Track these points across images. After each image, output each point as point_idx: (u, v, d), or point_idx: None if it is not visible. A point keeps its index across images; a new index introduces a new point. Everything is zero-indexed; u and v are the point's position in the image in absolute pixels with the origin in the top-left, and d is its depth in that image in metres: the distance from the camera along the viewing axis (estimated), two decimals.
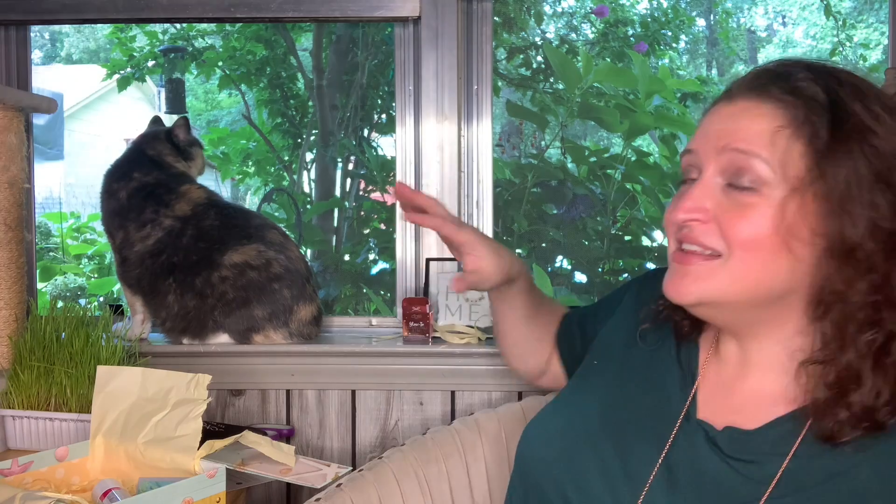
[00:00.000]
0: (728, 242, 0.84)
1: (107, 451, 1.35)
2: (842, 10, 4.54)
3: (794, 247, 0.83)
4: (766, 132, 0.84)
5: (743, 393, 0.92)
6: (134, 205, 1.82)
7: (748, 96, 0.87)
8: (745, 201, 0.84)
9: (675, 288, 0.89)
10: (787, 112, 0.84)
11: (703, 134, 0.90)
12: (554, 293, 2.96)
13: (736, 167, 0.85)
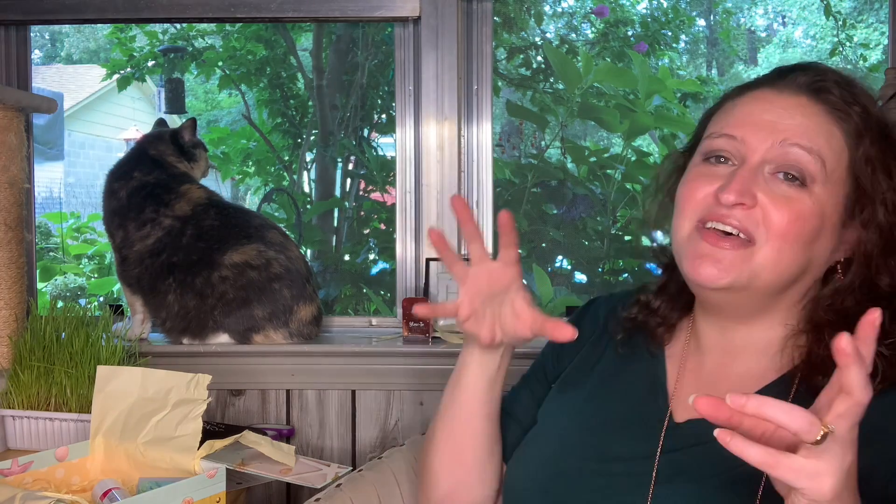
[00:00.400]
0: (769, 231, 0.86)
1: (107, 451, 1.35)
2: (842, 10, 4.54)
3: (823, 241, 0.88)
4: (825, 134, 0.87)
5: (730, 379, 0.94)
6: (134, 204, 1.82)
7: (801, 95, 0.89)
8: (791, 193, 0.86)
9: (707, 271, 0.87)
10: (845, 121, 0.88)
11: (750, 121, 0.89)
12: (554, 293, 2.96)
13: (788, 162, 0.86)
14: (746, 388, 0.91)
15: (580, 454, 0.97)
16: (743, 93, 0.93)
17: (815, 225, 0.86)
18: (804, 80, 0.90)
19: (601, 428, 0.99)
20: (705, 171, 0.91)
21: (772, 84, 0.92)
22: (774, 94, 0.90)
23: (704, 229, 0.88)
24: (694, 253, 0.89)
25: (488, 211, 1.97)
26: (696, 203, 0.90)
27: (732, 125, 0.90)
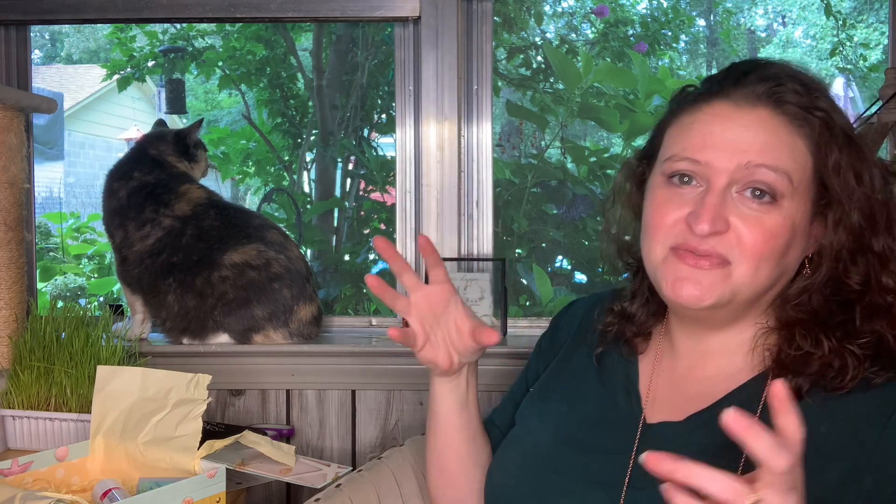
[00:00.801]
0: (743, 252, 0.85)
1: (107, 451, 1.35)
2: (842, 10, 4.54)
3: (794, 252, 0.88)
4: (789, 148, 0.86)
5: (702, 380, 0.94)
6: (134, 204, 1.82)
7: (760, 106, 0.87)
8: (762, 212, 0.85)
9: (688, 292, 0.87)
10: (809, 129, 0.86)
11: (712, 143, 0.87)
12: (554, 293, 2.96)
13: (755, 181, 0.85)
14: (719, 389, 0.91)
15: (554, 457, 0.98)
16: (699, 105, 0.90)
17: (787, 238, 0.86)
18: (762, 90, 0.87)
19: (575, 430, 0.99)
20: (671, 193, 0.89)
21: (727, 96, 0.88)
22: (732, 109, 0.87)
23: (687, 252, 0.87)
24: (673, 276, 0.88)
25: (488, 211, 1.97)
26: (667, 229, 0.88)
27: (694, 148, 0.88)
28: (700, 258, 0.86)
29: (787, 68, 0.90)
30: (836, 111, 0.88)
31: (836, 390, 0.84)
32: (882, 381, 0.84)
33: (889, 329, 0.86)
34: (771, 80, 0.87)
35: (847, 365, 0.85)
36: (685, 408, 0.92)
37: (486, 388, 1.78)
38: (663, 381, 0.97)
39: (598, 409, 1.00)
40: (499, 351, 1.76)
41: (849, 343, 0.85)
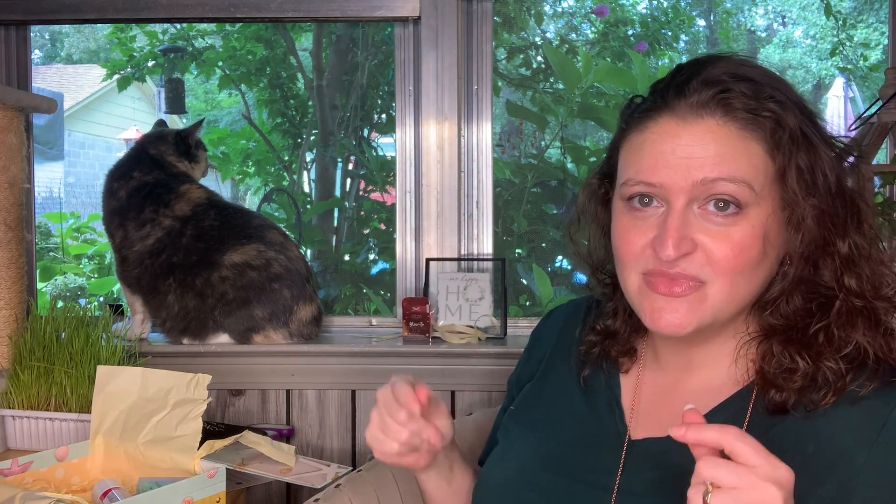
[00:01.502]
0: (714, 269, 0.83)
1: (107, 451, 1.35)
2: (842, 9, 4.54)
3: (770, 258, 0.85)
4: (744, 155, 0.82)
5: (687, 394, 0.92)
6: (133, 204, 1.82)
7: (707, 116, 0.83)
8: (728, 224, 0.82)
9: (669, 322, 0.85)
10: (761, 131, 0.83)
11: (663, 163, 0.83)
12: (554, 293, 2.96)
13: (715, 195, 0.82)
14: (703, 402, 0.89)
15: (538, 478, 0.96)
16: (646, 123, 0.86)
17: (759, 248, 0.83)
18: (706, 97, 0.83)
19: (558, 450, 0.97)
20: (633, 219, 0.86)
21: (672, 111, 0.84)
22: (679, 126, 0.83)
23: (656, 279, 0.85)
24: (651, 307, 0.86)
25: (488, 211, 1.97)
26: (636, 256, 0.86)
27: (647, 171, 0.84)
28: (673, 285, 0.84)
29: (731, 66, 0.85)
30: (790, 107, 0.84)
31: (821, 404, 0.83)
32: (866, 393, 0.82)
33: (865, 335, 0.84)
34: (715, 86, 0.83)
35: (828, 379, 0.83)
36: (671, 423, 0.90)
37: (486, 388, 1.79)
38: (647, 395, 0.96)
39: (581, 426, 0.98)
40: (499, 351, 1.77)
41: (826, 358, 0.83)
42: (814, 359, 0.84)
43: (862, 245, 0.85)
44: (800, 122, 0.84)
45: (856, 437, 0.82)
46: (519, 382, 1.11)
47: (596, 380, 1.00)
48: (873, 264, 0.85)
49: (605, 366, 1.00)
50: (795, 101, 0.85)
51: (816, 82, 8.50)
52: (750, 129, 0.82)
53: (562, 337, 1.08)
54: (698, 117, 0.83)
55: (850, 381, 0.83)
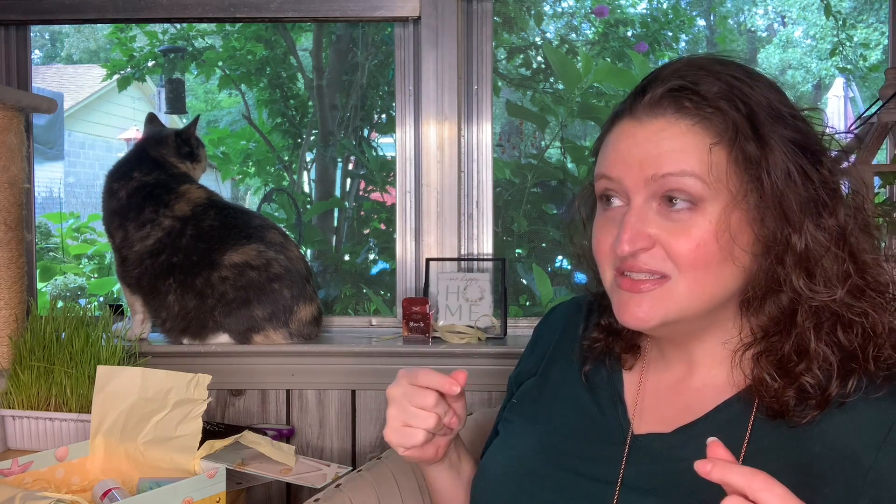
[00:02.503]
0: (676, 263, 0.84)
1: (107, 451, 1.35)
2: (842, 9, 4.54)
3: (738, 254, 0.84)
4: (693, 150, 0.83)
5: (689, 391, 0.93)
6: (133, 204, 1.82)
7: (660, 115, 0.84)
8: (685, 220, 0.83)
9: (633, 315, 0.86)
10: (711, 126, 0.83)
11: (620, 160, 0.86)
12: (554, 293, 2.96)
13: (669, 190, 0.83)
14: (705, 402, 0.90)
15: (539, 470, 0.96)
16: (612, 126, 0.89)
17: (723, 242, 0.83)
18: (659, 96, 0.85)
19: (560, 443, 0.97)
20: (605, 218, 0.89)
21: (631, 113, 0.87)
22: (634, 125, 0.86)
23: (622, 277, 0.87)
24: (618, 302, 0.88)
25: (488, 211, 1.97)
26: (606, 255, 0.89)
27: (608, 165, 0.88)
28: (637, 281, 0.86)
29: (688, 65, 0.86)
30: (745, 103, 0.83)
31: (807, 417, 0.83)
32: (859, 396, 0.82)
33: (845, 334, 0.83)
34: (667, 84, 0.85)
35: (809, 393, 0.83)
36: (673, 419, 0.91)
37: (486, 387, 1.79)
38: (650, 391, 0.96)
39: (583, 420, 0.98)
40: (499, 351, 1.77)
41: (802, 374, 0.83)
42: (790, 377, 0.84)
43: (821, 240, 0.83)
44: (752, 118, 0.83)
45: (863, 439, 0.82)
46: (519, 378, 1.11)
47: (598, 376, 1.00)
48: (832, 261, 0.83)
49: (607, 362, 1.00)
50: (757, 98, 0.84)
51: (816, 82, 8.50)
52: (701, 125, 0.84)
53: (565, 333, 1.08)
54: (652, 117, 0.85)
55: (838, 388, 0.83)
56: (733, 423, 0.87)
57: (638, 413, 0.95)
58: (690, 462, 0.86)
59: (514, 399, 1.09)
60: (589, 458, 0.94)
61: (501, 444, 1.06)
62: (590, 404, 0.99)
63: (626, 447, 0.92)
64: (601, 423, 0.96)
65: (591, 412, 0.98)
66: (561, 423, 1.00)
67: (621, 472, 0.91)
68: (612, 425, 0.95)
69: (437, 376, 0.95)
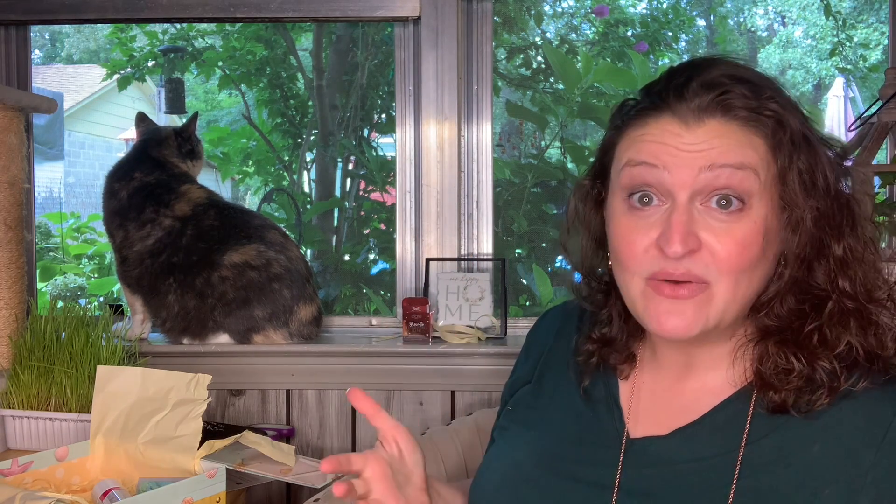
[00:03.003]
0: (719, 267, 0.82)
1: (107, 451, 1.35)
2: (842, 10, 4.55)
3: (769, 258, 0.85)
4: (748, 146, 0.82)
5: (686, 393, 0.92)
6: (134, 204, 1.82)
7: (708, 118, 0.82)
8: (731, 221, 0.82)
9: (675, 326, 0.84)
10: (764, 129, 0.83)
11: (666, 152, 0.83)
12: (554, 293, 2.96)
13: (721, 187, 0.81)
14: (703, 402, 0.89)
15: (535, 477, 0.96)
16: (646, 120, 0.85)
17: (760, 245, 0.83)
18: (707, 101, 0.82)
19: (556, 448, 0.97)
20: (635, 219, 0.85)
21: (673, 112, 0.83)
22: (680, 127, 0.83)
23: (660, 282, 0.84)
24: (656, 310, 0.85)
25: (488, 211, 1.97)
26: (639, 259, 0.84)
27: (652, 153, 0.83)
28: (678, 287, 0.83)
29: (730, 69, 0.85)
30: (790, 110, 0.84)
31: (817, 405, 0.83)
32: (863, 390, 0.82)
33: (857, 335, 0.84)
34: (715, 88, 0.83)
35: (823, 380, 0.83)
36: (669, 422, 0.91)
37: (486, 388, 1.79)
38: (646, 395, 0.95)
39: (579, 425, 0.97)
40: (499, 351, 1.77)
41: (820, 358, 0.83)
42: (808, 359, 0.84)
43: (856, 248, 0.85)
44: (800, 124, 0.84)
45: (862, 438, 0.82)
46: (514, 387, 1.10)
47: (595, 388, 0.99)
48: (866, 267, 0.86)
49: (602, 368, 0.99)
50: (793, 104, 0.86)
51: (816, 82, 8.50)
52: (752, 127, 0.83)
53: (559, 338, 1.08)
54: (699, 121, 0.82)
55: (845, 381, 0.83)
56: (731, 423, 0.87)
57: (634, 416, 0.95)
58: (687, 465, 0.86)
59: (509, 406, 1.08)
60: (585, 463, 0.93)
61: (498, 452, 1.05)
62: (585, 409, 0.98)
63: (623, 451, 0.92)
64: (597, 428, 0.96)
65: (586, 417, 0.98)
66: (557, 428, 0.99)
67: (618, 476, 0.90)
68: (608, 429, 0.95)
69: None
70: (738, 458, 0.85)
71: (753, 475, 0.83)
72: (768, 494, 0.82)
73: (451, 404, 1.81)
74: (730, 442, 0.86)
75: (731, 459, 0.85)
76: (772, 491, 0.82)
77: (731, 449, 0.85)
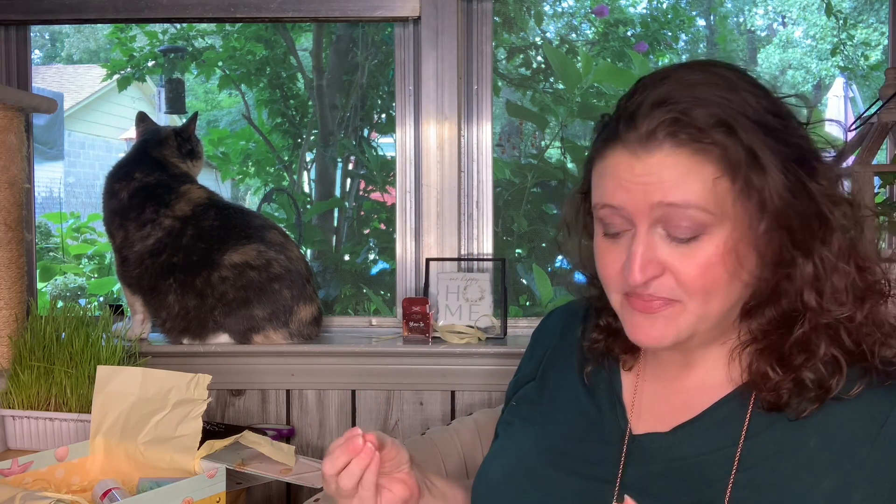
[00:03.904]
0: (685, 289, 0.84)
1: (107, 451, 1.35)
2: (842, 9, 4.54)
3: (744, 275, 0.85)
4: (696, 181, 0.81)
5: (687, 390, 0.93)
6: (135, 204, 1.82)
7: (656, 148, 0.82)
8: (691, 246, 0.83)
9: (647, 335, 0.87)
10: (710, 156, 0.81)
11: (621, 188, 0.84)
12: (554, 293, 2.96)
13: (673, 221, 0.82)
14: (702, 400, 0.91)
15: (538, 472, 0.97)
16: (605, 152, 0.87)
17: (729, 263, 0.83)
18: (654, 128, 0.82)
19: (560, 444, 0.98)
20: (608, 243, 0.88)
21: (623, 143, 0.84)
22: (633, 157, 0.83)
23: (633, 297, 0.87)
24: (630, 322, 0.88)
25: (488, 211, 1.97)
26: (615, 279, 0.88)
27: (608, 194, 0.86)
28: (649, 302, 0.85)
29: (676, 89, 0.83)
30: (740, 126, 0.81)
31: (806, 411, 0.84)
32: (858, 393, 0.83)
33: (834, 349, 0.84)
34: (661, 115, 0.82)
35: (809, 387, 0.84)
36: (671, 418, 0.92)
37: (486, 388, 1.79)
38: (648, 392, 0.97)
39: (582, 421, 0.98)
40: (499, 351, 1.77)
41: (803, 368, 0.84)
42: (791, 370, 0.85)
43: (828, 258, 0.84)
44: (750, 141, 0.82)
45: (857, 433, 0.83)
46: (518, 384, 1.11)
47: (598, 377, 1.01)
48: (841, 277, 0.84)
49: (607, 363, 1.00)
50: (750, 114, 0.83)
51: (817, 82, 8.50)
52: (700, 154, 0.81)
53: (563, 336, 1.09)
54: (647, 151, 0.82)
55: (836, 384, 0.83)
56: (730, 419, 0.88)
57: (636, 413, 0.96)
58: (689, 461, 0.86)
59: (513, 402, 1.10)
60: (588, 459, 0.94)
61: (501, 447, 1.06)
62: (588, 405, 0.99)
63: (625, 447, 0.93)
64: (600, 424, 0.97)
65: (589, 413, 0.99)
66: (560, 424, 1.00)
67: (620, 472, 0.91)
68: (611, 426, 0.96)
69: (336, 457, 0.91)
70: (737, 452, 0.86)
71: (752, 469, 0.85)
72: (766, 488, 0.83)
73: (451, 404, 1.81)
74: (729, 437, 0.87)
75: (730, 454, 0.86)
76: (769, 484, 0.83)
77: (731, 444, 0.87)
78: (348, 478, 0.89)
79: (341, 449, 0.90)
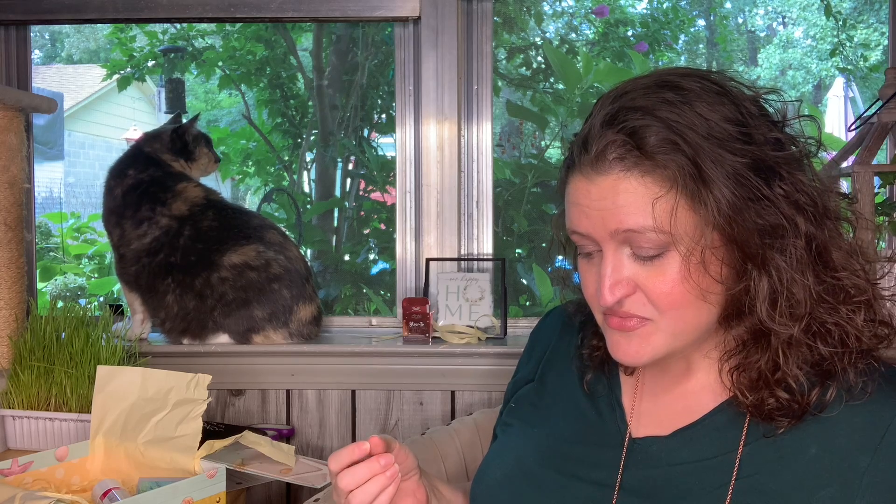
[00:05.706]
0: (656, 306, 0.84)
1: (107, 451, 1.35)
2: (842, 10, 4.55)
3: (711, 288, 0.84)
4: (648, 204, 0.81)
5: (687, 395, 0.93)
6: (129, 202, 1.82)
7: (607, 171, 0.82)
8: (657, 264, 0.83)
9: (625, 353, 0.88)
10: (659, 176, 0.81)
11: (583, 216, 0.85)
12: (554, 293, 2.96)
13: (636, 242, 0.83)
14: (702, 405, 0.90)
15: (538, 474, 0.96)
16: (568, 177, 0.88)
17: (693, 280, 0.82)
18: (602, 152, 0.82)
19: (559, 447, 0.98)
20: (586, 263, 0.90)
21: (580, 169, 0.85)
22: (588, 182, 0.84)
23: (614, 316, 0.87)
24: (610, 340, 0.89)
25: (488, 211, 1.98)
26: (593, 298, 0.89)
27: (573, 222, 0.87)
28: (625, 320, 0.86)
29: (623, 109, 0.83)
30: (685, 141, 0.80)
31: (799, 416, 0.84)
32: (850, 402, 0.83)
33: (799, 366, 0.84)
34: (610, 134, 0.82)
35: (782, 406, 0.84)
36: (671, 422, 0.92)
37: (486, 388, 1.79)
38: (648, 395, 0.96)
39: (581, 424, 0.98)
40: (499, 351, 1.77)
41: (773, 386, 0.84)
42: (765, 388, 0.85)
43: (785, 269, 0.82)
44: (696, 157, 0.80)
45: (858, 441, 0.82)
46: (517, 385, 1.11)
47: (598, 383, 1.00)
48: (800, 289, 0.82)
49: (606, 368, 1.00)
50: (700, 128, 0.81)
51: (817, 83, 8.50)
52: (649, 176, 0.81)
53: (562, 337, 1.08)
54: (599, 173, 0.83)
55: (815, 398, 0.83)
56: (730, 424, 0.88)
57: (636, 417, 0.95)
58: (688, 465, 0.86)
59: (511, 403, 1.09)
60: (588, 462, 0.94)
61: (500, 448, 1.06)
62: (588, 408, 0.99)
63: (625, 451, 0.93)
64: (599, 427, 0.97)
65: (589, 416, 0.98)
66: (560, 427, 1.00)
67: (619, 475, 0.91)
68: (611, 429, 0.95)
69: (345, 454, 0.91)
70: (737, 458, 0.85)
71: (752, 475, 0.84)
72: (766, 494, 0.83)
73: (451, 404, 1.81)
74: (729, 443, 0.87)
75: (730, 459, 0.86)
76: (769, 491, 0.83)
77: (731, 449, 0.86)
78: (363, 496, 0.88)
79: (366, 465, 0.88)
